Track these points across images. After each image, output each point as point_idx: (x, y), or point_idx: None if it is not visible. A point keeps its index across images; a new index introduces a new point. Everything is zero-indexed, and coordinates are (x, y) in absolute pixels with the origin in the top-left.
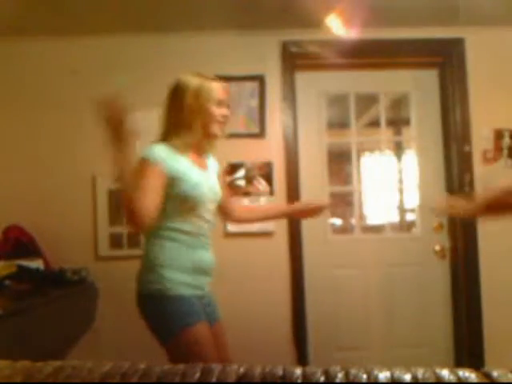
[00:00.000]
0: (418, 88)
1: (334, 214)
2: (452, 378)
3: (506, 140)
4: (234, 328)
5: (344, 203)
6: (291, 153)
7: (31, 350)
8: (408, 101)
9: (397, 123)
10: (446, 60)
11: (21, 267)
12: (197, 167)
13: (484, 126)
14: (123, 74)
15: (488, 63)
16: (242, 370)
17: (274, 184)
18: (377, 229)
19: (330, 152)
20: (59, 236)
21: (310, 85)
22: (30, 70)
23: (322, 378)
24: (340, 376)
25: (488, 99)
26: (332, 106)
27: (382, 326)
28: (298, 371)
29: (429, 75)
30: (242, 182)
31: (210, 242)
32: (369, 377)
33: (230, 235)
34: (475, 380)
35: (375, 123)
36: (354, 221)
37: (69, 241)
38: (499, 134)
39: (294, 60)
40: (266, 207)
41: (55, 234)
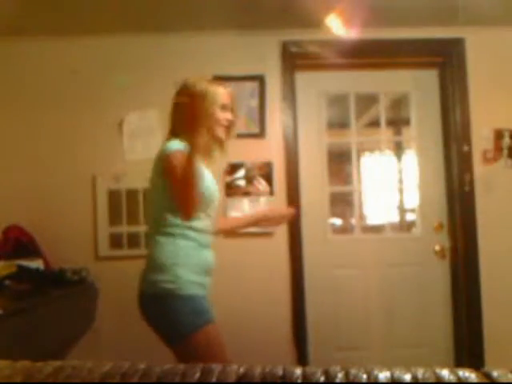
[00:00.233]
0: (418, 88)
1: (334, 213)
2: (452, 378)
3: (506, 140)
4: (234, 328)
5: (344, 203)
6: (291, 153)
7: (31, 350)
8: (408, 101)
9: (397, 123)
10: (446, 60)
11: (21, 267)
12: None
13: (484, 125)
14: (123, 74)
15: (488, 63)
16: (241, 370)
17: (274, 184)
18: (377, 229)
19: (329, 152)
20: (59, 236)
21: (310, 85)
22: (30, 70)
23: (322, 378)
24: (340, 376)
25: (488, 99)
26: (332, 106)
27: (382, 325)
28: (298, 371)
29: (429, 75)
30: (242, 182)
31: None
32: (369, 377)
33: (230, 235)
34: (475, 380)
35: (375, 123)
36: (354, 221)
37: (69, 241)
38: (499, 133)
39: (293, 60)
40: (237, 218)
41: (55, 234)
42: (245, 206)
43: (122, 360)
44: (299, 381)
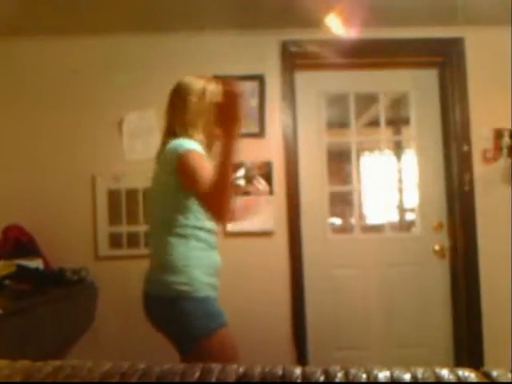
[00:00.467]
0: (418, 88)
1: (334, 213)
2: (452, 378)
3: (506, 140)
4: (234, 328)
5: (344, 203)
6: (291, 152)
7: (31, 350)
8: (408, 100)
9: (396, 123)
10: (446, 60)
11: (21, 267)
12: None
13: (483, 125)
14: (123, 74)
15: (487, 63)
16: (241, 369)
17: (274, 184)
18: (376, 228)
19: (329, 152)
20: (59, 236)
21: (310, 84)
22: (30, 70)
23: (322, 378)
24: (340, 376)
25: (488, 99)
26: (332, 106)
27: (382, 325)
28: (298, 371)
29: (428, 75)
30: (242, 182)
31: None
32: (368, 376)
33: (229, 235)
34: (475, 380)
35: (375, 123)
36: (353, 220)
37: (68, 241)
38: (499, 133)
39: (293, 60)
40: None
41: (55, 233)
42: None
43: (122, 360)
44: (299, 380)
